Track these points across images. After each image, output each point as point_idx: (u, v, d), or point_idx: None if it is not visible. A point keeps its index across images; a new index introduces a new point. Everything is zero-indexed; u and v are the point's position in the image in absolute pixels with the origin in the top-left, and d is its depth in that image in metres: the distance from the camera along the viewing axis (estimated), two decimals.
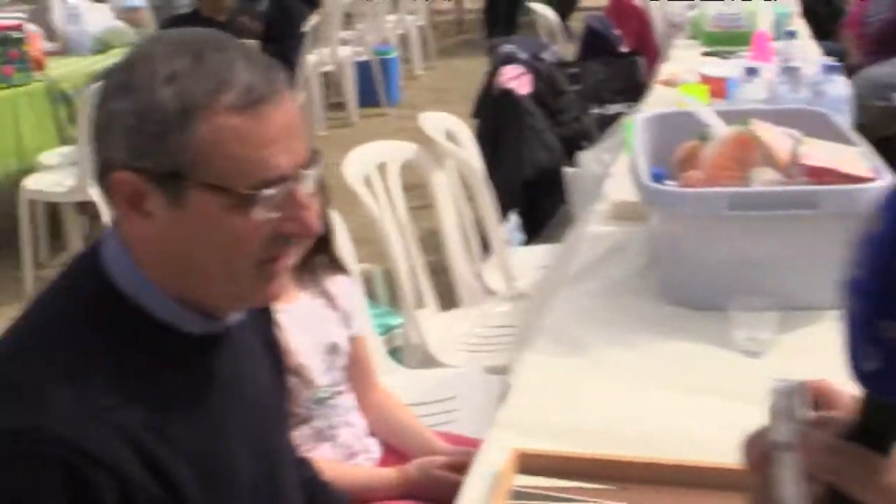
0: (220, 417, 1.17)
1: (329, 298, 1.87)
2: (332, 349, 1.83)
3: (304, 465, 1.52)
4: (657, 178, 2.05)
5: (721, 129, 2.20)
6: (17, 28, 4.83)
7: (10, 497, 0.98)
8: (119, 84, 1.06)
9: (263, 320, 1.35)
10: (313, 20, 6.39)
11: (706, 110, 2.27)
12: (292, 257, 1.15)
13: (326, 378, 1.82)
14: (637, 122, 2.33)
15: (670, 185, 2.03)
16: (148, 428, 1.06)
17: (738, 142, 2.13)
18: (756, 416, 1.57)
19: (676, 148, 2.28)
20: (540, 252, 3.20)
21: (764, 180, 1.98)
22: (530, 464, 1.46)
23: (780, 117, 2.20)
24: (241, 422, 1.20)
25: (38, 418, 0.99)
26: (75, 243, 4.90)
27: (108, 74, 1.09)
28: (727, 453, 1.42)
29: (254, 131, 1.04)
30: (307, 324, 1.81)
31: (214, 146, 1.04)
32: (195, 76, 1.03)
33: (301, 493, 1.38)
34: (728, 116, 2.25)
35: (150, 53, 1.06)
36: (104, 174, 1.07)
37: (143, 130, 1.03)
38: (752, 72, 2.69)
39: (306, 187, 1.10)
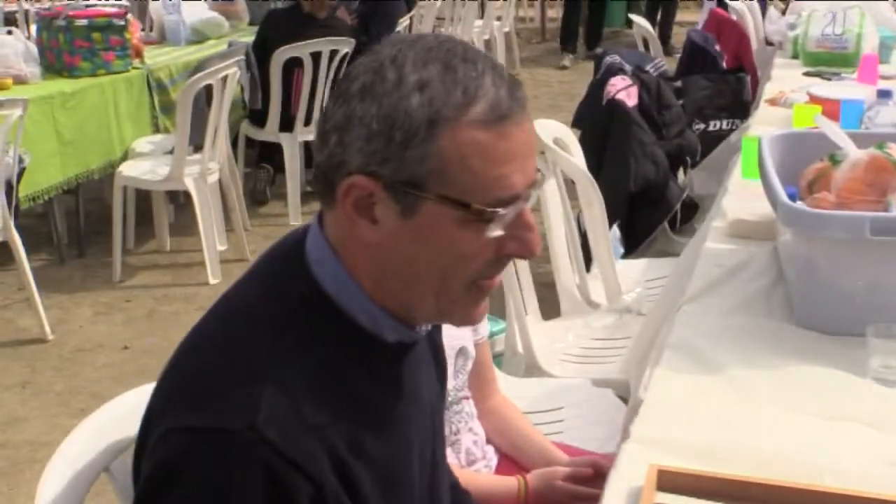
0: (405, 429, 1.16)
1: None
2: (462, 353, 1.81)
3: (449, 471, 1.51)
4: (790, 198, 2.00)
5: (853, 152, 2.15)
6: (121, 16, 4.91)
7: (214, 491, 0.98)
8: (365, 86, 1.03)
9: (434, 327, 1.33)
10: (405, 21, 6.41)
11: (838, 132, 2.22)
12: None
13: (454, 382, 1.80)
14: (765, 140, 2.27)
15: (809, 208, 1.98)
16: (347, 440, 1.05)
17: (872, 165, 2.08)
18: (892, 446, 1.54)
19: (804, 169, 2.23)
20: (643, 266, 3.15)
21: None
22: (670, 481, 1.42)
23: None
24: (420, 432, 1.20)
25: (248, 421, 0.99)
26: (162, 231, 4.97)
27: (351, 75, 1.06)
28: (865, 482, 1.40)
29: (496, 148, 1.02)
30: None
31: (456, 159, 1.02)
32: (445, 86, 1.01)
33: (449, 500, 1.37)
34: (858, 139, 2.19)
35: (399, 58, 1.03)
36: (332, 175, 1.05)
37: (388, 136, 1.01)
38: (885, 94, 2.62)
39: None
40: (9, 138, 3.80)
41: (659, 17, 9.84)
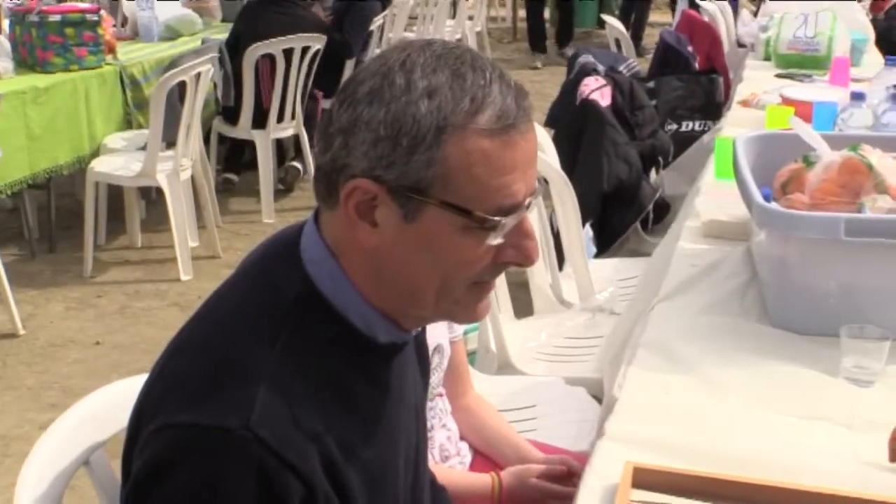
0: (392, 428, 1.17)
1: None
2: (438, 350, 1.82)
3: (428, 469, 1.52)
4: (764, 199, 2.02)
5: (827, 154, 2.17)
6: (94, 11, 4.87)
7: (206, 488, 0.99)
8: (373, 90, 1.03)
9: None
10: (379, 20, 6.40)
11: (812, 133, 2.24)
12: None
13: (430, 379, 1.80)
14: (739, 141, 2.29)
15: (784, 208, 2.00)
16: (338, 440, 1.06)
17: (846, 167, 2.10)
18: (864, 445, 1.56)
19: (777, 170, 2.25)
20: (615, 265, 3.17)
21: (878, 207, 1.95)
22: (646, 478, 1.44)
23: (889, 144, 2.17)
24: (405, 432, 1.21)
25: (242, 419, 0.99)
26: (134, 227, 4.94)
27: (358, 79, 1.06)
28: (839, 481, 1.42)
29: (501, 157, 1.03)
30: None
31: (461, 167, 1.02)
32: (454, 93, 1.02)
33: (430, 497, 1.38)
34: (832, 141, 2.21)
35: (409, 63, 1.03)
36: (335, 177, 1.05)
37: (394, 141, 1.01)
38: (858, 97, 2.65)
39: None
40: None
41: (632, 18, 9.88)
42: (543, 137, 3.12)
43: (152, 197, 5.24)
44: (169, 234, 4.54)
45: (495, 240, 1.06)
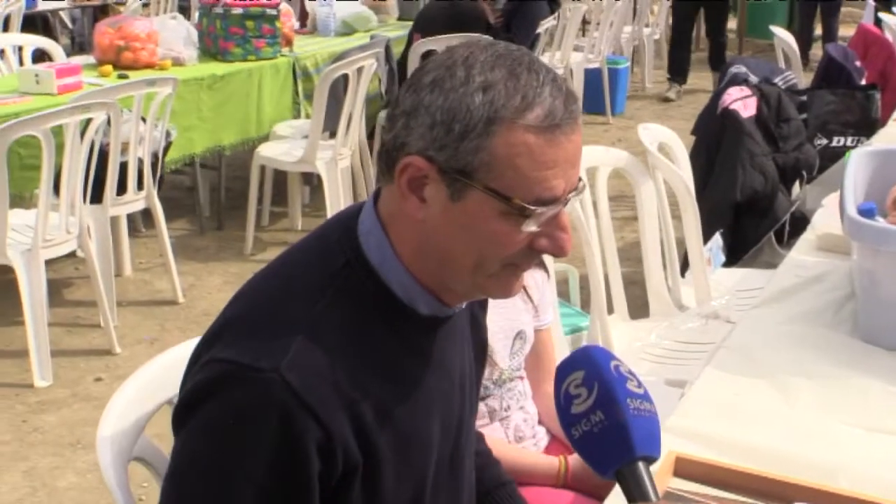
0: (429, 397, 1.26)
1: (525, 289, 1.95)
2: (519, 336, 1.90)
3: (479, 438, 1.60)
4: (867, 212, 2.01)
5: None
6: (274, 6, 5.17)
7: (234, 417, 1.12)
8: (436, 80, 1.14)
9: (478, 304, 1.44)
10: (550, 22, 6.48)
11: None
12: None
13: (509, 362, 1.90)
14: (854, 155, 2.28)
15: (877, 222, 1.99)
16: (365, 397, 1.16)
17: None
18: None
19: (893, 185, 2.22)
20: (738, 275, 3.16)
21: None
22: (686, 469, 1.49)
23: None
24: (445, 402, 1.30)
25: (276, 363, 1.11)
26: (295, 210, 5.21)
27: (425, 69, 1.17)
28: (882, 489, 1.43)
29: (544, 152, 1.12)
30: (500, 309, 1.89)
31: (507, 157, 1.12)
32: (507, 90, 1.12)
33: (473, 465, 1.46)
34: None
35: (470, 59, 1.14)
36: (395, 154, 1.16)
37: (448, 127, 1.12)
38: None
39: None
40: (158, 114, 4.09)
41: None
42: (676, 144, 3.15)
43: (314, 184, 5.50)
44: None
45: (530, 227, 1.14)
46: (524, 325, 1.93)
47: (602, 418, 1.10)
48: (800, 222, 3.55)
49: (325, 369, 1.14)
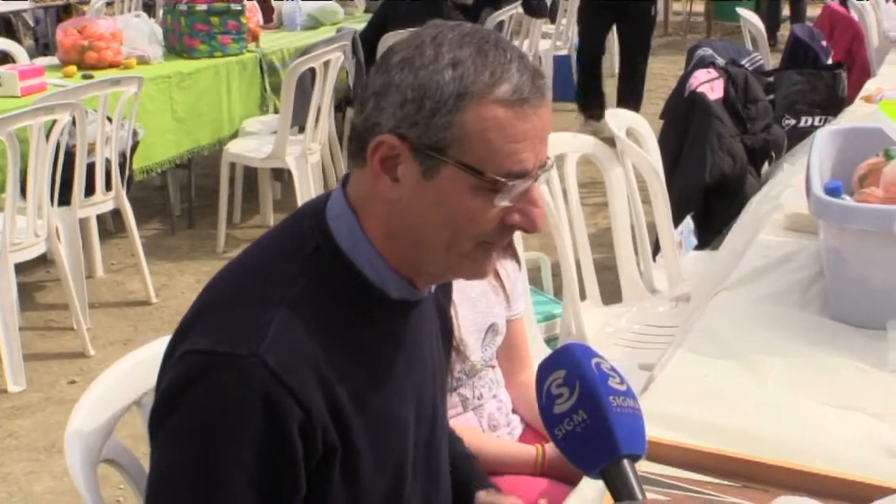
0: (401, 381, 1.27)
1: (498, 281, 1.94)
2: (491, 329, 1.90)
3: (451, 432, 1.60)
4: (833, 191, 2.02)
5: None
6: (238, 1, 5.14)
7: (218, 405, 1.12)
8: (405, 59, 1.15)
9: (442, 292, 1.44)
10: (516, 9, 6.47)
11: (894, 127, 2.21)
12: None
13: (481, 354, 1.90)
14: (819, 135, 2.28)
15: (844, 200, 2.00)
16: (341, 381, 1.17)
17: None
18: (893, 436, 1.56)
19: (859, 163, 2.23)
20: (709, 257, 3.17)
21: None
22: (658, 452, 1.49)
23: None
24: (418, 386, 1.30)
25: (254, 347, 1.12)
26: (266, 207, 5.18)
27: (394, 49, 1.18)
28: (855, 466, 1.44)
29: (514, 126, 1.14)
30: (473, 302, 1.89)
31: (477, 131, 1.13)
32: (476, 66, 1.13)
33: (447, 452, 1.46)
34: None
35: (439, 38, 1.16)
36: (366, 135, 1.17)
37: (419, 104, 1.13)
38: None
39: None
40: (124, 113, 4.05)
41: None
42: (644, 129, 3.15)
43: (286, 179, 5.47)
44: None
45: (502, 201, 1.15)
46: (497, 317, 1.93)
47: (585, 417, 1.10)
48: None
49: (302, 351, 1.14)
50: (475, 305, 1.89)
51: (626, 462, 1.09)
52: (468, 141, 1.13)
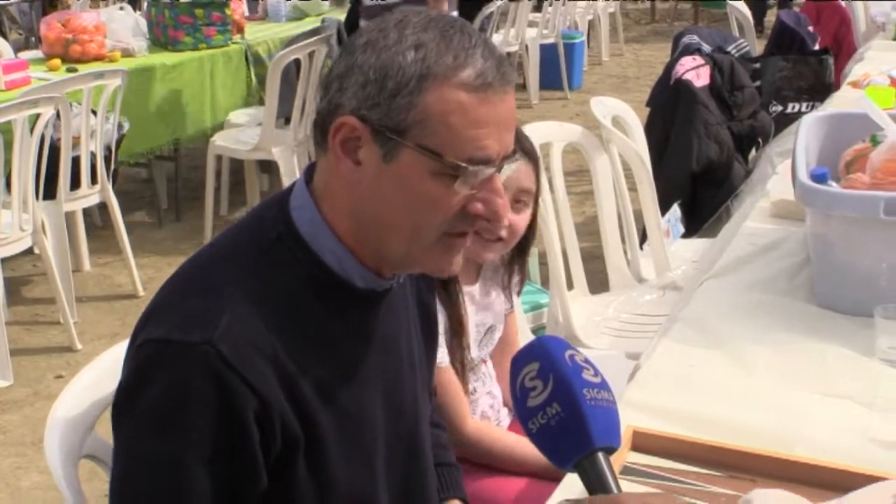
0: (370, 373, 1.25)
1: (505, 287, 1.96)
2: (490, 330, 1.90)
3: (438, 429, 1.59)
4: (819, 178, 2.01)
5: (893, 134, 2.13)
6: None
7: (176, 392, 1.10)
8: (369, 41, 1.13)
9: (425, 289, 1.42)
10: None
11: (880, 113, 2.20)
12: (470, 240, 1.22)
13: (479, 352, 1.90)
14: (805, 120, 2.28)
15: (830, 186, 1.99)
16: (305, 373, 1.15)
17: None
18: (880, 424, 1.56)
19: (845, 149, 2.22)
20: (697, 245, 3.17)
21: None
22: (644, 442, 1.48)
23: None
24: (393, 381, 1.29)
25: (208, 336, 1.10)
26: (254, 199, 5.16)
27: (359, 33, 1.17)
28: (843, 455, 1.43)
29: (476, 110, 1.12)
30: (479, 307, 1.90)
31: (439, 114, 1.11)
32: (439, 49, 1.12)
33: (430, 445, 1.44)
34: None
35: (404, 22, 1.14)
36: (328, 117, 1.15)
37: (381, 85, 1.11)
38: None
39: (502, 177, 1.18)
40: (108, 106, 4.03)
41: None
42: (630, 117, 3.14)
43: (272, 170, 5.45)
44: None
45: (463, 188, 1.14)
46: (496, 320, 1.95)
47: (559, 410, 1.07)
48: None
49: (258, 341, 1.13)
50: (479, 309, 1.90)
51: (600, 455, 1.07)
52: (429, 124, 1.11)
